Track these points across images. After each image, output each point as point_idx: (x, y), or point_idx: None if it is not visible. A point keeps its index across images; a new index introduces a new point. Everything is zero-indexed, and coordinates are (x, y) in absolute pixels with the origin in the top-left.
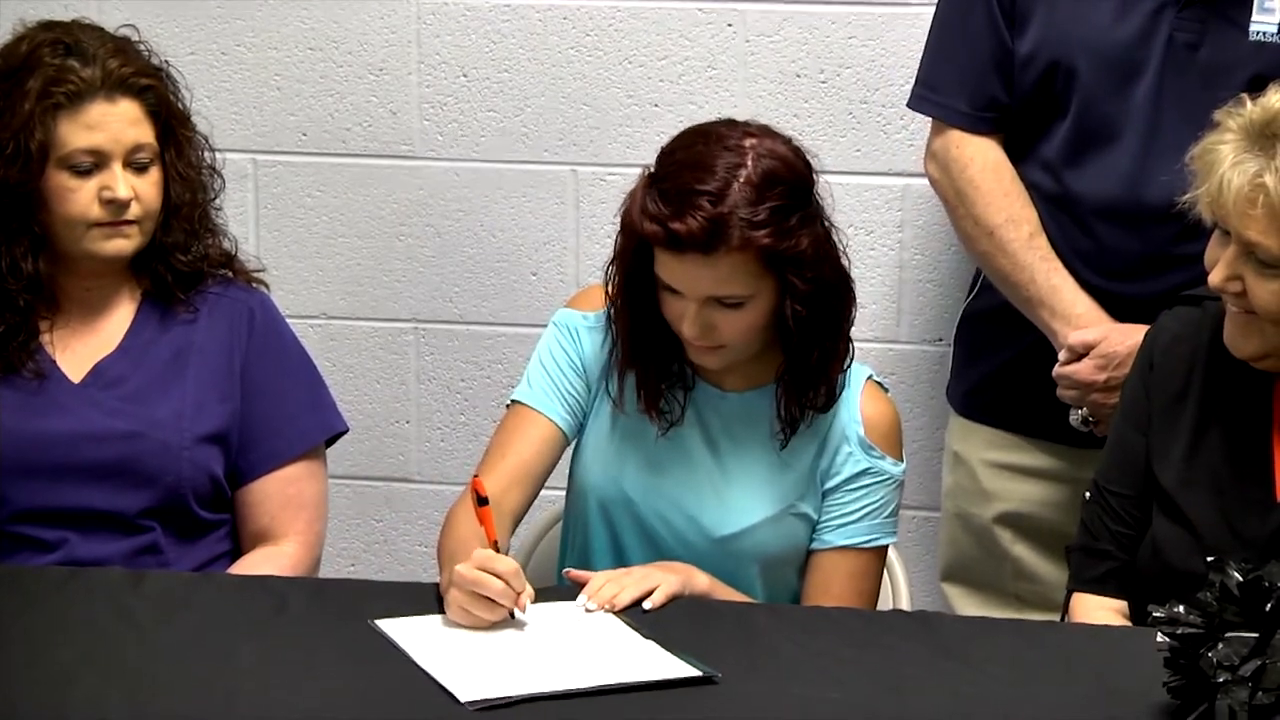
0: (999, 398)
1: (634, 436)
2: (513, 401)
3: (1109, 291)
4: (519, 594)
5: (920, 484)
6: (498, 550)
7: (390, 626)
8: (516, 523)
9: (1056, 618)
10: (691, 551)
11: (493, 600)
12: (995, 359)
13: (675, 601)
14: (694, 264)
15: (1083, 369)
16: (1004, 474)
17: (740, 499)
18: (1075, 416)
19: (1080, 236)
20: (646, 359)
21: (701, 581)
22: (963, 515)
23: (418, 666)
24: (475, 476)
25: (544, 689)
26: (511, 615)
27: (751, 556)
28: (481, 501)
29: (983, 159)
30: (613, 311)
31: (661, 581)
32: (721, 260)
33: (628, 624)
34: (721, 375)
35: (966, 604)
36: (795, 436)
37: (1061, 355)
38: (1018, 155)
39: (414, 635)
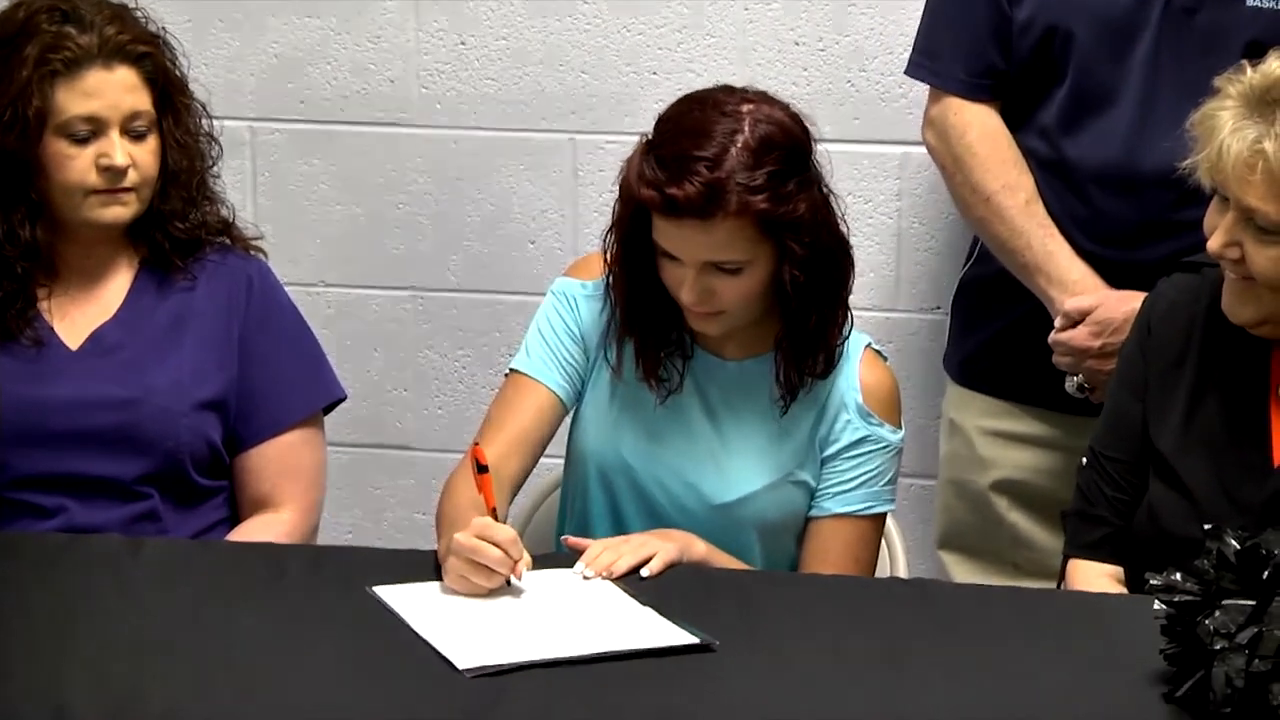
0: (995, 365)
1: (633, 404)
2: (511, 370)
3: (1105, 258)
4: (516, 562)
5: (918, 452)
6: (496, 518)
7: (388, 594)
8: (515, 490)
9: (1053, 584)
10: (690, 519)
11: (490, 568)
12: (992, 326)
13: (673, 569)
14: (692, 229)
15: (1078, 335)
16: (1000, 441)
17: (739, 466)
18: (1071, 383)
19: (1076, 203)
20: (645, 326)
21: (699, 549)
22: (959, 483)
23: (416, 634)
24: (474, 444)
25: (541, 656)
26: (509, 583)
27: (750, 524)
28: (480, 469)
29: (980, 126)
30: (611, 279)
31: (659, 549)
32: (719, 225)
33: (625, 591)
34: (721, 343)
35: (963, 571)
36: (794, 404)
37: (1057, 322)
38: (1015, 123)
39: (412, 602)
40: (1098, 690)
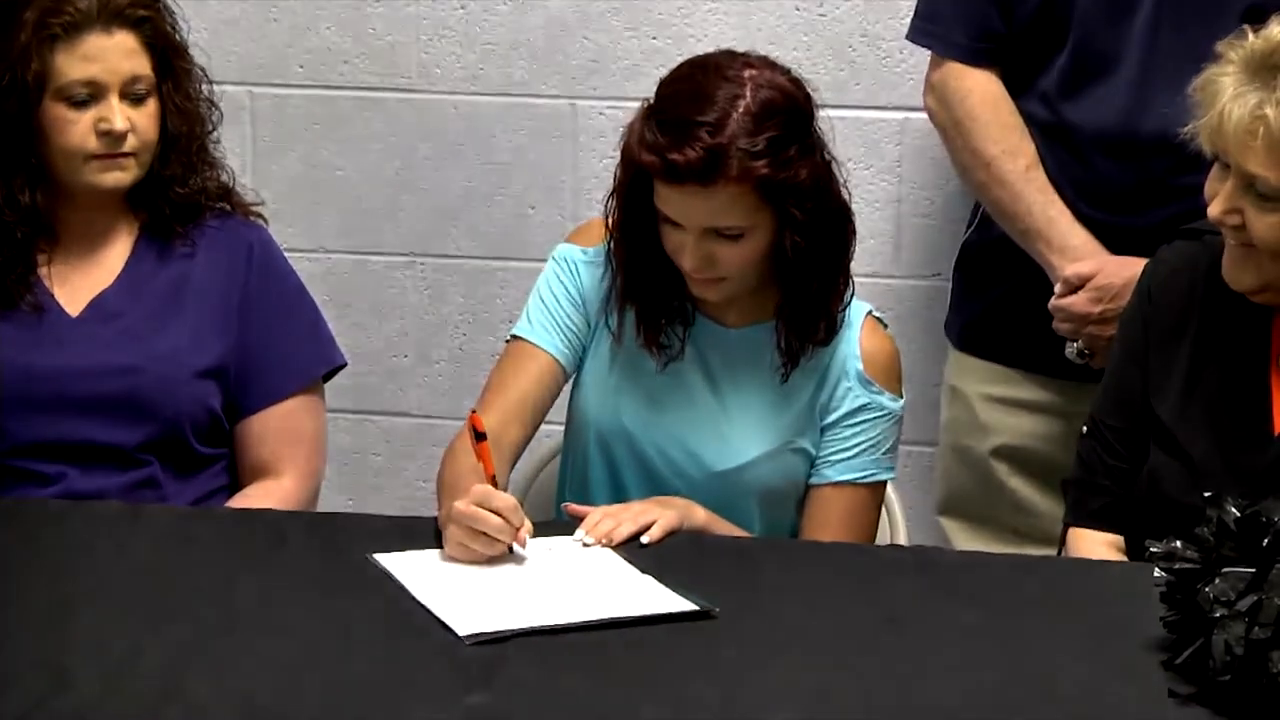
0: (996, 331)
1: (633, 371)
2: (512, 337)
3: (1106, 223)
4: (517, 529)
5: (918, 420)
6: (496, 485)
7: (389, 561)
8: (516, 457)
9: (1053, 552)
10: (690, 486)
11: (491, 536)
12: (992, 292)
13: (673, 536)
14: (692, 195)
15: (1078, 301)
16: (1001, 407)
17: (739, 434)
18: (1071, 349)
19: (1077, 168)
20: (646, 293)
21: (700, 516)
22: (960, 449)
23: (416, 601)
24: (473, 412)
25: (541, 623)
26: (510, 550)
27: (750, 491)
28: (480, 437)
29: (981, 91)
30: (612, 245)
31: (659, 516)
32: (720, 191)
33: (625, 558)
34: (722, 310)
35: (964, 538)
36: (795, 372)
37: (1058, 288)
38: (1016, 88)
39: (412, 570)
40: (1097, 657)
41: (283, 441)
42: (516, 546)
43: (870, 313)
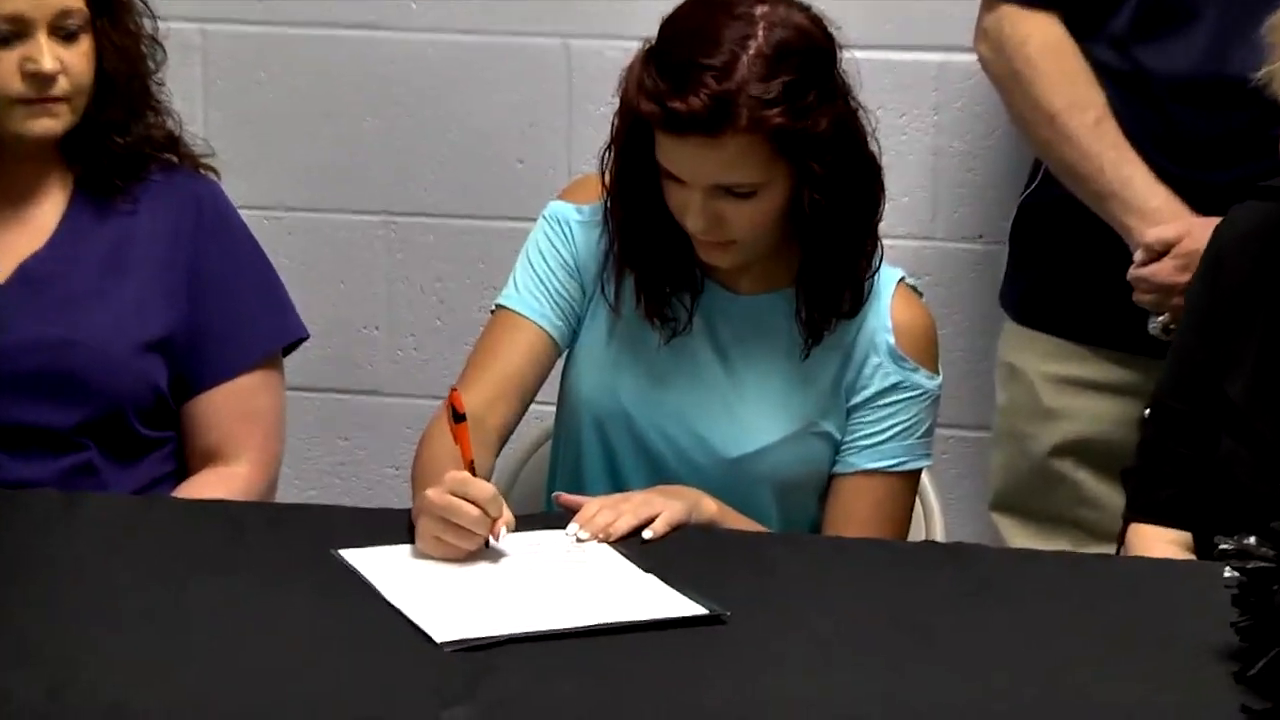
0: (1062, 302)
1: (634, 344)
2: (497, 306)
3: (1188, 180)
4: (495, 521)
5: (958, 400)
6: (474, 472)
7: (356, 558)
8: (502, 442)
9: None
10: (698, 474)
11: (466, 528)
12: (1058, 258)
13: (679, 530)
14: (697, 148)
15: (1162, 270)
16: (1068, 389)
17: (754, 415)
18: (1154, 324)
19: (1154, 120)
20: (647, 258)
21: (709, 508)
22: (1018, 436)
23: (388, 603)
24: (453, 390)
25: (529, 629)
26: (486, 545)
27: (766, 480)
28: (458, 418)
29: (1041, 36)
30: (609, 204)
31: (664, 508)
32: (728, 143)
33: (624, 556)
34: (734, 276)
35: (1020, 536)
36: (817, 347)
37: (1137, 255)
38: (1082, 32)
39: (383, 568)
40: (1157, 669)
41: (237, 423)
42: (494, 541)
43: (903, 280)
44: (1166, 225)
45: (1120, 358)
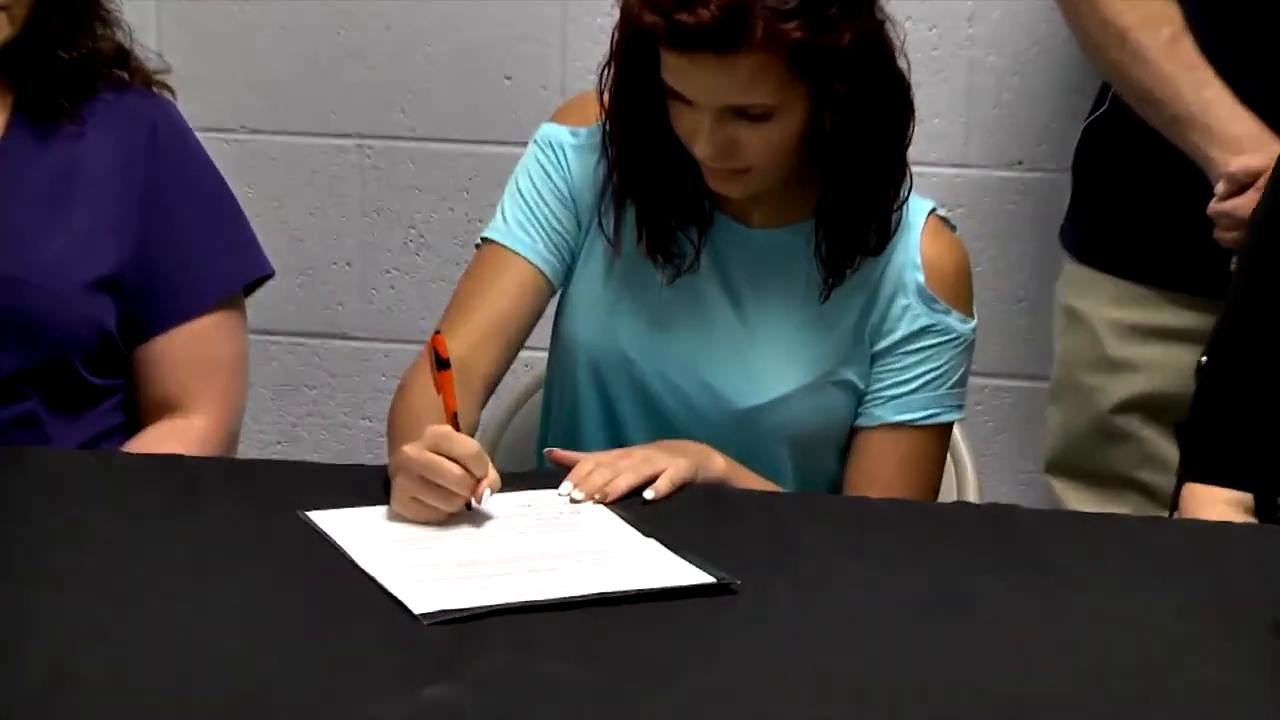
0: (1132, 240)
1: (635, 283)
2: (483, 240)
3: (1275, 103)
4: (479, 481)
5: (993, 345)
6: (458, 426)
7: (325, 520)
8: (489, 390)
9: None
10: (705, 427)
11: (446, 488)
12: (1128, 191)
13: (684, 490)
14: (707, 66)
15: (1246, 203)
16: (1136, 338)
17: (768, 362)
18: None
19: (1236, 36)
20: (650, 187)
21: (718, 465)
22: (1080, 389)
23: (361, 571)
24: (435, 333)
25: (516, 599)
26: (469, 508)
27: (781, 434)
28: (441, 364)
29: None
30: (608, 126)
31: (667, 465)
32: (741, 61)
33: (623, 519)
34: (746, 208)
35: (1079, 501)
36: (839, 287)
37: (1219, 187)
38: None
39: (355, 531)
40: (1210, 642)
41: (193, 370)
42: (476, 503)
43: (933, 211)
44: (1251, 154)
45: (1196, 302)
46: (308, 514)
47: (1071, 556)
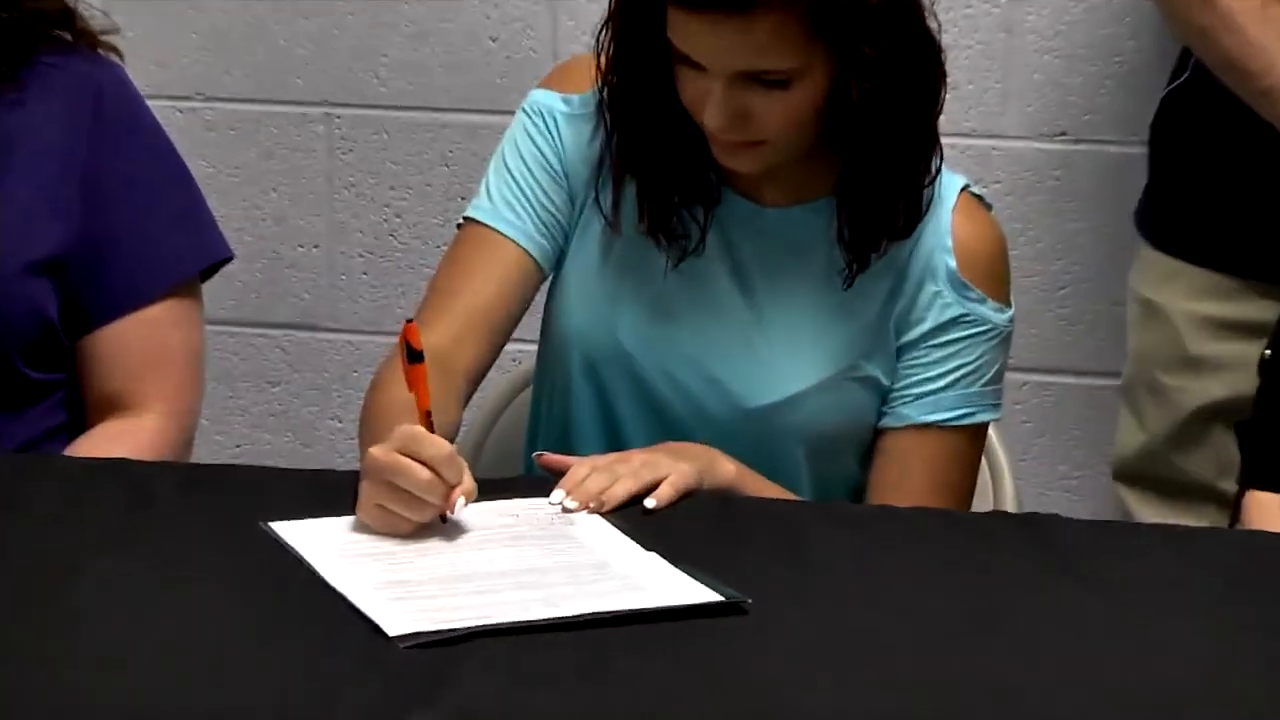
0: (1216, 225)
1: (634, 268)
2: (465, 220)
3: None
4: (452, 488)
5: (1033, 338)
6: (431, 425)
7: (290, 532)
8: (473, 387)
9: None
10: (713, 427)
11: (416, 497)
12: (1211, 170)
13: (689, 498)
14: (720, 26)
15: None
16: (1222, 335)
17: (782, 356)
18: None
19: None
20: (652, 161)
21: (726, 470)
22: (1157, 390)
23: (329, 588)
24: (408, 322)
25: (502, 620)
26: (443, 519)
27: (796, 435)
28: (414, 357)
29: None
30: (606, 94)
31: (670, 470)
32: (758, 20)
33: (622, 530)
34: (758, 184)
35: (1152, 513)
36: (863, 273)
37: None
38: None
39: (323, 544)
40: (1269, 666)
41: (144, 364)
42: (451, 514)
43: (966, 188)
44: None
45: None
46: (271, 524)
47: (1118, 571)
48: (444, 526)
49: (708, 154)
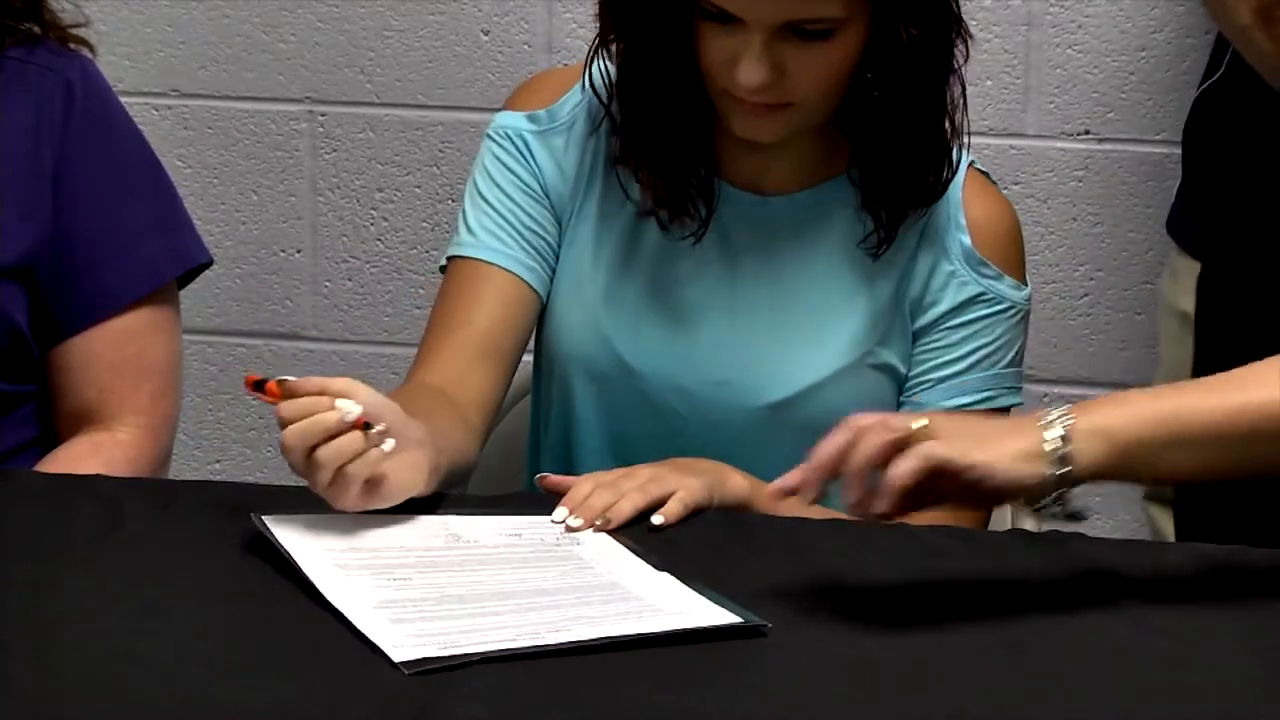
0: (1253, 231)
1: (630, 278)
2: (450, 260)
3: None
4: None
5: (1054, 347)
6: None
7: (281, 529)
8: (487, 420)
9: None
10: (727, 430)
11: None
12: (1248, 172)
13: (698, 515)
14: None
15: None
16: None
17: (797, 347)
18: None
19: None
20: (663, 136)
21: (738, 486)
22: None
23: (317, 604)
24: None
25: (512, 645)
26: (365, 427)
27: (814, 428)
28: (257, 385)
29: None
30: (620, 63)
31: (679, 486)
32: None
33: (630, 549)
34: (758, 172)
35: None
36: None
37: None
38: None
39: (315, 549)
40: None
41: (118, 375)
42: (347, 409)
43: (972, 164)
44: None
45: None
46: (263, 518)
47: (1147, 594)
48: (445, 540)
49: (703, 138)
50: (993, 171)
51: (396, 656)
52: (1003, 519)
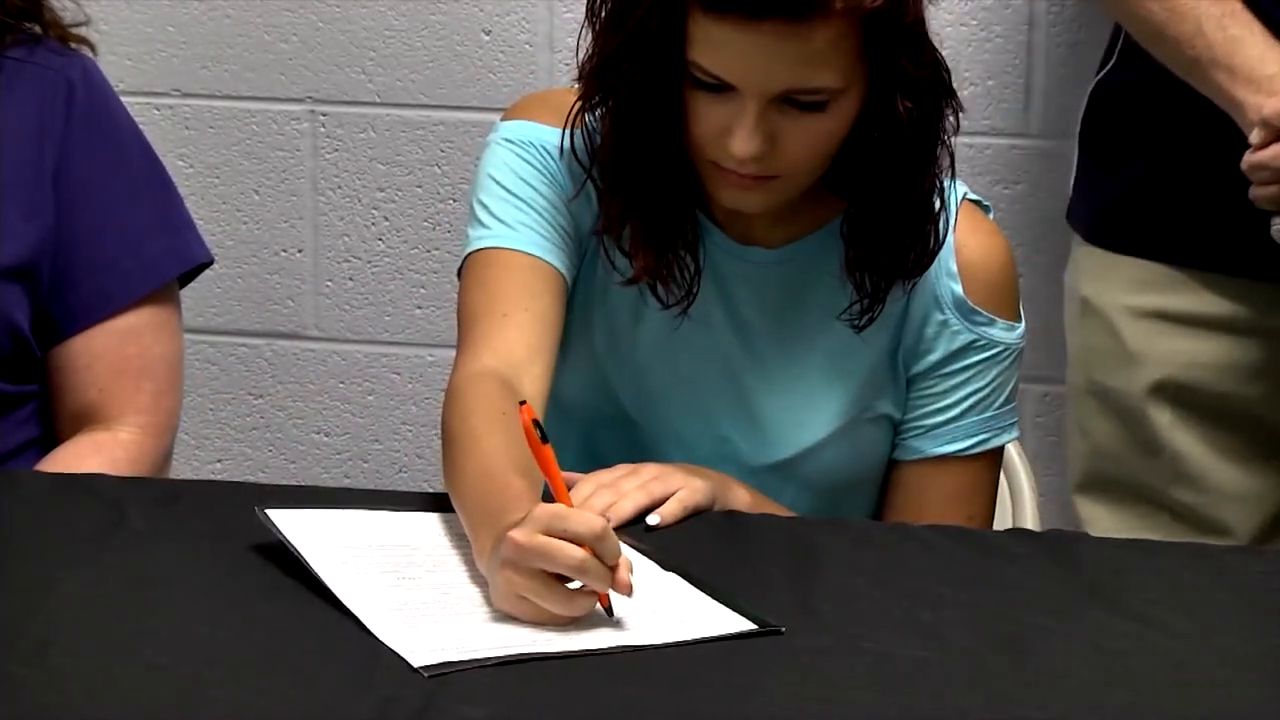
0: (1149, 214)
1: (627, 328)
2: (477, 250)
3: None
4: (610, 568)
5: (1056, 348)
6: (569, 504)
7: (287, 523)
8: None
9: (1228, 542)
10: None
11: (569, 588)
12: (1145, 156)
13: (702, 516)
14: (770, 37)
15: None
16: (1159, 326)
17: (794, 410)
18: (1278, 226)
19: None
20: (652, 200)
21: (740, 497)
22: (1099, 390)
23: (321, 605)
24: (522, 403)
25: (530, 649)
26: (609, 613)
27: (810, 486)
28: (545, 438)
29: None
30: (607, 127)
31: (681, 485)
32: (817, 31)
33: (636, 549)
34: (748, 225)
35: (1110, 524)
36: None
37: (1253, 136)
38: None
39: (322, 545)
40: None
41: (119, 375)
42: (617, 601)
43: (967, 197)
44: None
45: (1225, 283)
46: (268, 512)
47: (1149, 594)
48: (451, 539)
49: (689, 193)
50: (995, 173)
51: (416, 661)
52: (1003, 519)
